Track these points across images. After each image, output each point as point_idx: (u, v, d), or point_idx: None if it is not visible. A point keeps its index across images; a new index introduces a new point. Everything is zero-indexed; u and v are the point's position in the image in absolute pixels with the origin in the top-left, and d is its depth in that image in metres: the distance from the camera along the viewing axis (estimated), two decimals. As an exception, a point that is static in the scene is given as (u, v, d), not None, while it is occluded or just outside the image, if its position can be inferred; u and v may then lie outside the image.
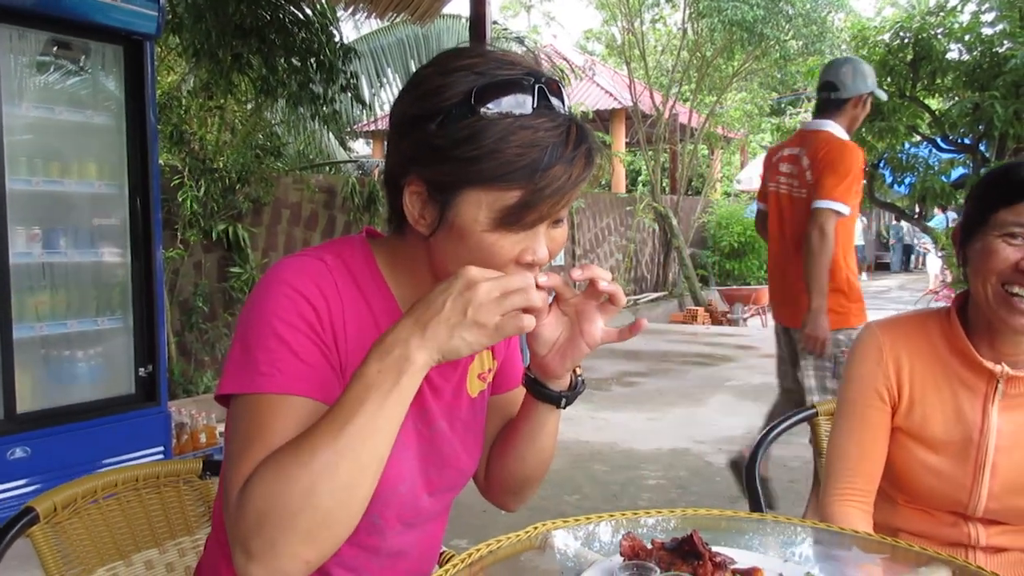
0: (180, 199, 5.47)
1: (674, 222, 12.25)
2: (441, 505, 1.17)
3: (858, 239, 17.33)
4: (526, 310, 0.87)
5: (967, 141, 7.73)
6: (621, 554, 1.02)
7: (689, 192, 14.45)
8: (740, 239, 13.62)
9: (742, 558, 1.01)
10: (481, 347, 0.87)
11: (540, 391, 1.10)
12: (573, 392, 1.11)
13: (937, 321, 1.41)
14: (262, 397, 0.93)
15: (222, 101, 6.07)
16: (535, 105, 0.93)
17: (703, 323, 11.01)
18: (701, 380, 6.90)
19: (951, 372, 1.37)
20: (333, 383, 0.97)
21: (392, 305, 1.07)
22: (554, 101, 0.95)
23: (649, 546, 1.01)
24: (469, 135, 0.91)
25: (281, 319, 0.96)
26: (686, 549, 0.98)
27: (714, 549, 0.99)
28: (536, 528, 1.18)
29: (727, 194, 17.21)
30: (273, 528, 0.84)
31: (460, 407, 1.14)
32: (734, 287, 12.57)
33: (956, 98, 7.65)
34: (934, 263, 16.15)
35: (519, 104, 0.92)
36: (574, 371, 1.11)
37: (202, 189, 5.57)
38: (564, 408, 1.11)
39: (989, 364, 1.33)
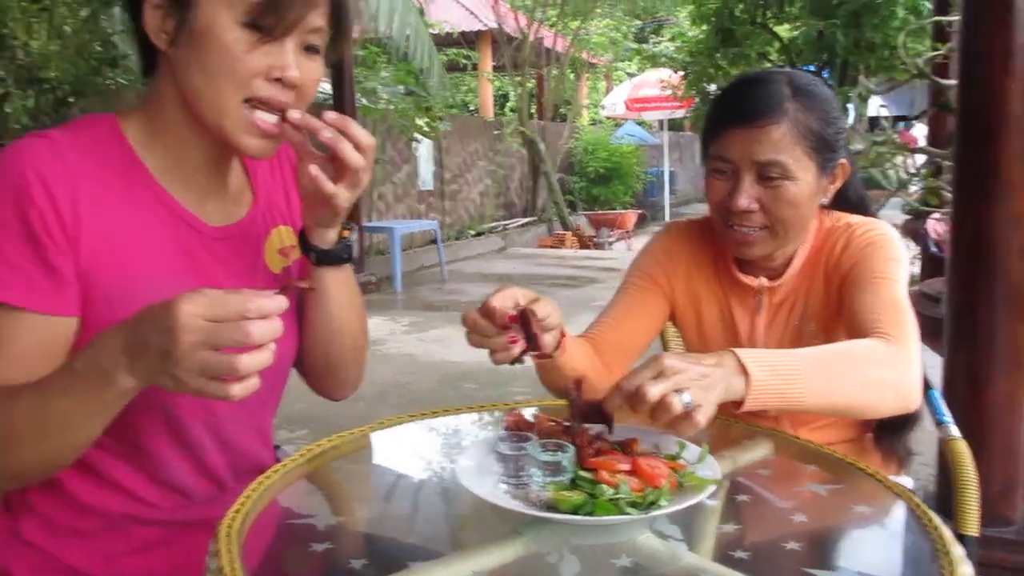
0: (6, 111, 5.00)
1: (542, 147, 12.30)
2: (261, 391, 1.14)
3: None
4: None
5: (812, 68, 8.12)
6: (505, 428, 1.03)
7: (556, 118, 14.52)
8: (606, 164, 13.86)
9: (619, 433, 1.02)
10: (191, 394, 0.82)
11: (301, 242, 1.09)
12: (327, 252, 1.09)
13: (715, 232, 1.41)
14: None
15: (48, 3, 5.53)
16: None
17: (571, 247, 11.23)
18: (569, 301, 7.06)
19: (724, 282, 1.40)
20: (48, 285, 0.92)
21: (144, 175, 1.01)
22: None
23: (532, 421, 1.03)
24: None
25: None
26: (566, 425, 1.00)
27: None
28: (381, 423, 1.18)
29: (593, 121, 17.40)
30: None
31: (257, 282, 1.10)
32: (600, 212, 12.85)
33: (803, 26, 7.98)
34: None
35: None
36: (343, 232, 1.09)
37: (31, 101, 5.10)
38: (317, 264, 1.09)
39: (747, 279, 1.36)
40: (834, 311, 1.32)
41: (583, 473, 0.90)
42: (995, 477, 2.17)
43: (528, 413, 1.04)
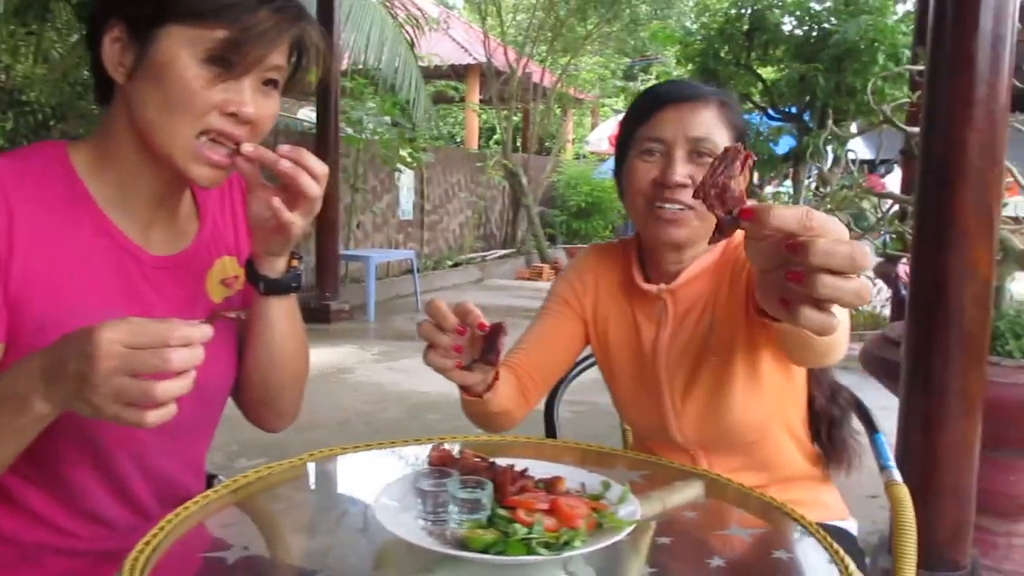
0: (-17, 131, 4.99)
1: (523, 180, 12.37)
2: (192, 421, 1.11)
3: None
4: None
5: (794, 111, 8.24)
6: (429, 463, 1.03)
7: (541, 152, 14.62)
8: (588, 199, 13.94)
9: (546, 470, 1.02)
10: (107, 420, 0.81)
11: (248, 271, 1.09)
12: (276, 281, 1.08)
13: (625, 249, 1.44)
14: None
15: (34, 27, 5.55)
16: None
17: (548, 279, 11.26)
18: (542, 334, 7.05)
19: (631, 295, 1.39)
20: None
21: (88, 203, 1.02)
22: None
23: (457, 456, 1.03)
24: None
25: None
26: (490, 461, 1.00)
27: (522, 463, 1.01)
28: (312, 455, 1.17)
29: (578, 155, 17.55)
30: None
31: (197, 312, 1.10)
32: (579, 245, 12.89)
33: (787, 69, 8.10)
34: None
35: None
36: (291, 262, 1.09)
37: (9, 123, 5.09)
38: (265, 294, 1.09)
39: (646, 285, 1.35)
40: (739, 312, 1.27)
41: (501, 511, 0.90)
42: (946, 521, 2.17)
43: (455, 448, 1.03)
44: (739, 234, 1.32)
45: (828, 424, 1.43)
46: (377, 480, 0.99)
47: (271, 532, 1.02)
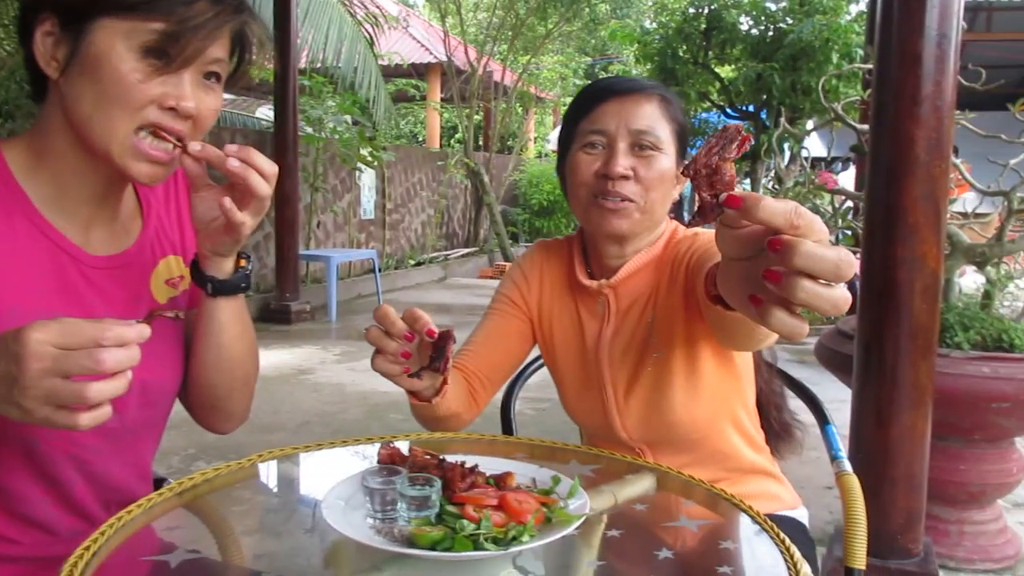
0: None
1: (485, 179, 12.36)
2: (136, 423, 1.10)
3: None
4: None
5: (751, 109, 8.35)
6: (378, 461, 1.02)
7: (503, 151, 14.62)
8: (550, 197, 13.98)
9: (498, 466, 1.02)
10: (38, 423, 0.79)
11: (194, 273, 1.07)
12: (225, 282, 1.06)
13: (570, 245, 1.44)
14: None
15: (-20, 24, 5.42)
16: None
17: (512, 278, 11.24)
18: (505, 332, 7.04)
19: (574, 291, 1.40)
20: None
21: (23, 203, 0.99)
22: None
23: (406, 453, 1.01)
24: None
25: None
26: (440, 459, 0.98)
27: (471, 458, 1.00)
28: (261, 456, 1.15)
29: (540, 154, 17.58)
30: None
31: (140, 313, 1.07)
32: (543, 244, 12.90)
33: (744, 68, 8.22)
34: None
35: None
36: (239, 262, 1.08)
37: (-46, 121, 4.97)
38: (213, 295, 1.07)
39: (587, 281, 1.35)
40: (678, 307, 1.28)
41: (450, 508, 0.89)
42: (898, 509, 2.21)
43: (404, 446, 1.02)
44: (683, 235, 1.35)
45: (774, 409, 1.46)
46: (328, 479, 0.98)
47: (219, 534, 1.00)
